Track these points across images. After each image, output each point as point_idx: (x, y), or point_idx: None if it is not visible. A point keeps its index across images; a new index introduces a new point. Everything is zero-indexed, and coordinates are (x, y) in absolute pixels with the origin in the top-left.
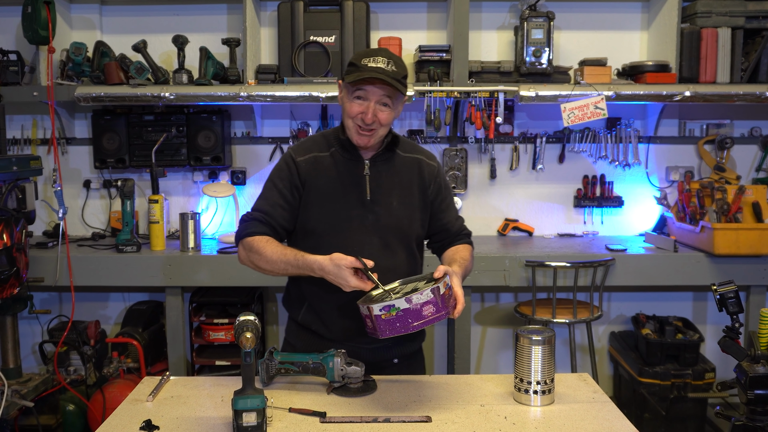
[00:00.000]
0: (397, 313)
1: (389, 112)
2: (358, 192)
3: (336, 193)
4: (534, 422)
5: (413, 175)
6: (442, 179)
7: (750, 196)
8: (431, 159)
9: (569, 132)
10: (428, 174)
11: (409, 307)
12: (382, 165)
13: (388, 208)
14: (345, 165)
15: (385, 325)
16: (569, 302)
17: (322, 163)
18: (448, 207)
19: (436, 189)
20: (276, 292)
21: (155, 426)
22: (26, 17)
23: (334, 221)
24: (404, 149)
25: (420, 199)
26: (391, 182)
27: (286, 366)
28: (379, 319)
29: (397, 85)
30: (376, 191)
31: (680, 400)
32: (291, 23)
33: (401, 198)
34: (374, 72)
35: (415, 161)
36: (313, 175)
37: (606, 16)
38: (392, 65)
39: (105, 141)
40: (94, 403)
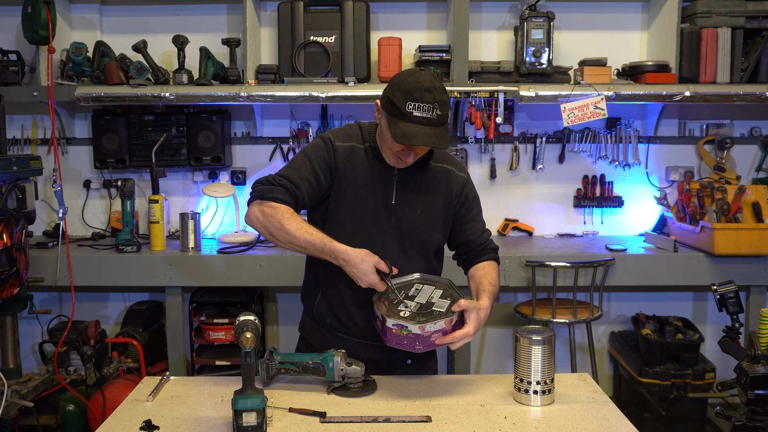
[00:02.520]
0: (408, 334)
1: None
2: (385, 194)
3: (367, 189)
4: (534, 422)
5: (440, 185)
6: (469, 190)
7: (750, 196)
8: (460, 170)
9: (569, 132)
10: (456, 185)
11: (420, 333)
12: (411, 171)
13: (412, 214)
14: (376, 164)
15: (393, 338)
16: (569, 302)
17: (358, 155)
18: (474, 219)
19: (462, 200)
20: (276, 292)
21: (155, 426)
22: (26, 17)
23: (361, 217)
24: (436, 158)
25: (444, 210)
26: (417, 189)
27: (286, 366)
28: (388, 330)
29: (443, 144)
30: (402, 196)
31: (680, 400)
32: (291, 23)
33: (425, 206)
34: (421, 134)
35: (444, 171)
36: (349, 164)
37: (606, 16)
38: (437, 108)
39: (105, 141)
40: (94, 403)
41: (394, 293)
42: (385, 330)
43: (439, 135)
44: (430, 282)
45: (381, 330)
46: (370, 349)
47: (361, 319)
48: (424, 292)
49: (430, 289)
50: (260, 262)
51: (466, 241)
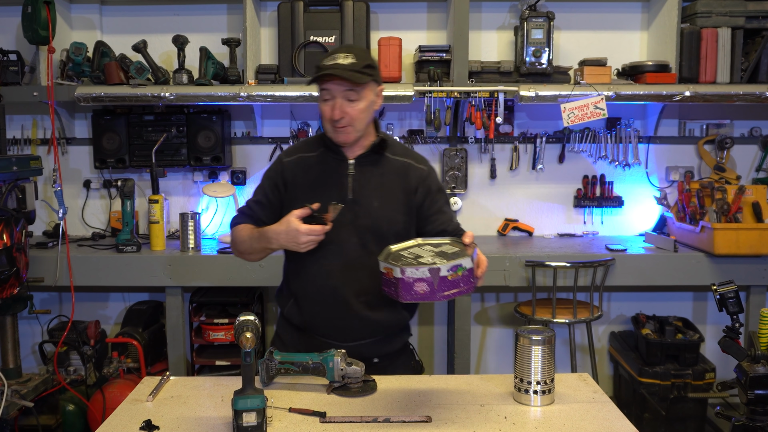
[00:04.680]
0: (463, 274)
1: (358, 105)
2: (340, 191)
3: (321, 190)
4: (534, 422)
5: (399, 179)
6: (432, 183)
7: (750, 196)
8: (421, 163)
9: (569, 132)
10: (415, 178)
11: (472, 267)
12: (368, 166)
13: (368, 208)
14: (330, 165)
15: (446, 286)
16: (569, 302)
17: (307, 163)
18: (441, 210)
19: (424, 193)
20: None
21: (155, 426)
22: (26, 17)
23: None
24: (395, 152)
25: (404, 202)
26: (374, 184)
27: (286, 366)
28: (443, 280)
29: (353, 76)
30: (358, 191)
31: (680, 400)
32: (291, 23)
33: (382, 198)
34: (329, 69)
35: (403, 164)
36: (298, 174)
37: (606, 16)
38: (350, 58)
39: (105, 141)
40: (94, 403)
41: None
42: (439, 283)
43: (348, 69)
44: (429, 242)
45: (431, 290)
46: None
47: (328, 320)
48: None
49: (434, 243)
50: (260, 262)
51: (439, 231)
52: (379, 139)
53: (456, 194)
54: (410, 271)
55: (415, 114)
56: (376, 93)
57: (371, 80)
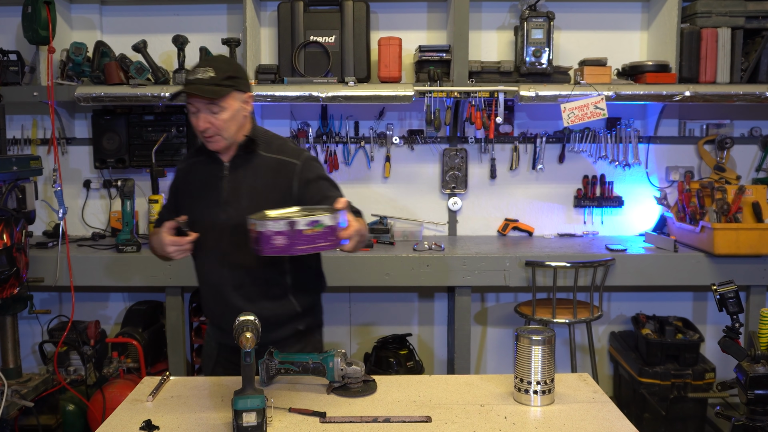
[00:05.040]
0: (323, 230)
1: (222, 115)
2: (216, 194)
3: (202, 194)
4: (534, 422)
5: (272, 177)
6: (309, 173)
7: (750, 196)
8: (293, 157)
9: (569, 132)
10: (287, 173)
11: (333, 225)
12: (241, 167)
13: (239, 208)
14: (210, 169)
15: (304, 241)
16: (569, 302)
17: (193, 168)
18: (325, 196)
19: (301, 185)
20: None
21: (155, 426)
22: (26, 17)
23: (199, 220)
24: (268, 150)
25: (278, 199)
26: (247, 184)
27: (286, 366)
28: (298, 234)
29: (208, 92)
30: (232, 192)
31: (680, 400)
32: (291, 23)
33: (252, 197)
34: (187, 86)
35: (275, 161)
36: (185, 180)
37: (606, 16)
38: (210, 72)
39: (105, 141)
40: (94, 403)
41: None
42: (295, 237)
43: (206, 83)
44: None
45: (288, 243)
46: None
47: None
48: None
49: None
50: None
51: None
52: (246, 139)
53: (456, 194)
54: (270, 224)
55: (415, 114)
56: (243, 100)
57: (233, 90)
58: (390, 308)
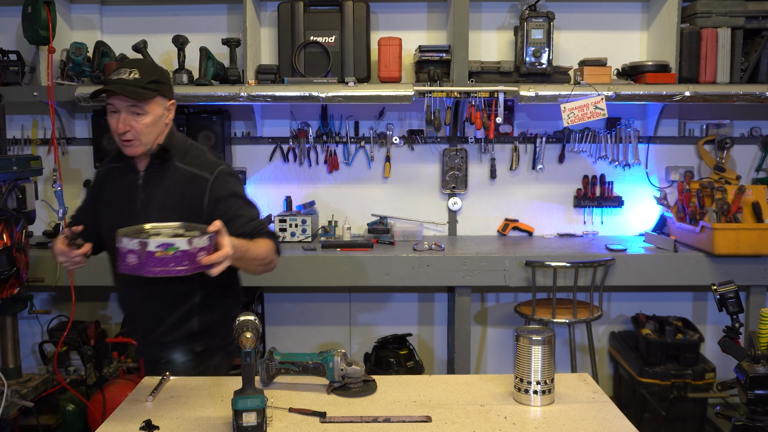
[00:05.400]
0: (174, 254)
1: (143, 119)
2: (129, 203)
3: (116, 200)
4: (534, 422)
5: (183, 189)
6: (219, 190)
7: (750, 196)
8: (207, 171)
9: (569, 132)
10: (198, 187)
11: (188, 249)
12: (156, 176)
13: (148, 220)
14: (127, 176)
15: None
16: (569, 302)
17: (111, 174)
18: (235, 215)
19: (212, 201)
20: (277, 292)
21: (155, 426)
22: (26, 17)
23: (110, 228)
24: (184, 161)
25: (188, 214)
26: (159, 194)
27: (286, 366)
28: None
29: (134, 93)
30: (144, 203)
31: (680, 400)
32: (291, 23)
33: (161, 208)
34: (111, 84)
35: (188, 174)
36: (102, 185)
37: (606, 16)
38: (135, 73)
39: (105, 141)
40: (94, 403)
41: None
42: (145, 258)
43: (131, 84)
44: (189, 226)
45: (139, 263)
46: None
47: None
48: (182, 230)
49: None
50: None
51: (237, 236)
52: (159, 149)
53: (456, 194)
54: (125, 241)
55: (415, 114)
56: (166, 107)
57: (157, 95)
58: (390, 308)
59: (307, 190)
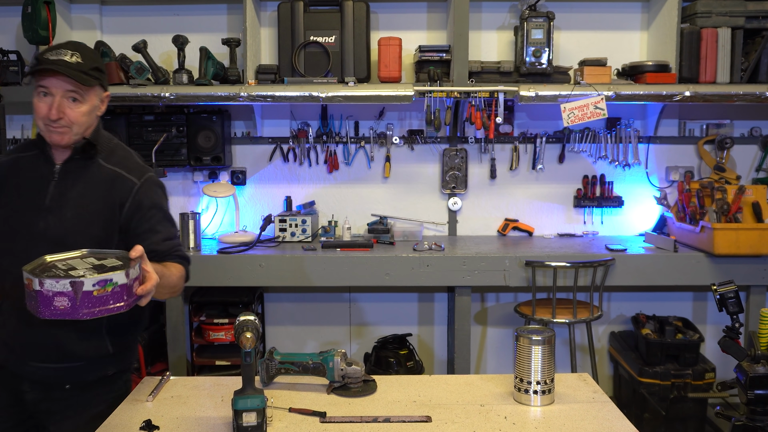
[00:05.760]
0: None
1: (80, 107)
2: (39, 197)
3: (23, 193)
4: (534, 422)
5: (104, 190)
6: (144, 197)
7: (750, 196)
8: (134, 174)
9: (569, 132)
10: (122, 190)
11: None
12: (75, 172)
13: (61, 218)
14: (39, 168)
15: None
16: (569, 302)
17: (18, 164)
18: (152, 230)
19: (133, 208)
20: (277, 291)
21: (155, 426)
22: (26, 17)
23: (12, 223)
24: (109, 160)
25: (105, 217)
26: (76, 192)
27: (286, 366)
28: (87, 296)
29: (80, 77)
30: (57, 199)
31: (680, 400)
32: (291, 23)
33: (77, 209)
34: (53, 65)
35: (113, 174)
36: (9, 175)
37: (606, 16)
38: (77, 57)
39: None
40: None
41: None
42: (81, 300)
43: (74, 68)
44: (96, 254)
45: (72, 306)
46: (23, 369)
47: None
48: (92, 259)
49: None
50: (260, 262)
51: (149, 252)
52: (84, 142)
53: (456, 194)
54: (49, 283)
55: (415, 114)
56: (101, 99)
57: (98, 84)
58: (390, 308)
59: (307, 190)
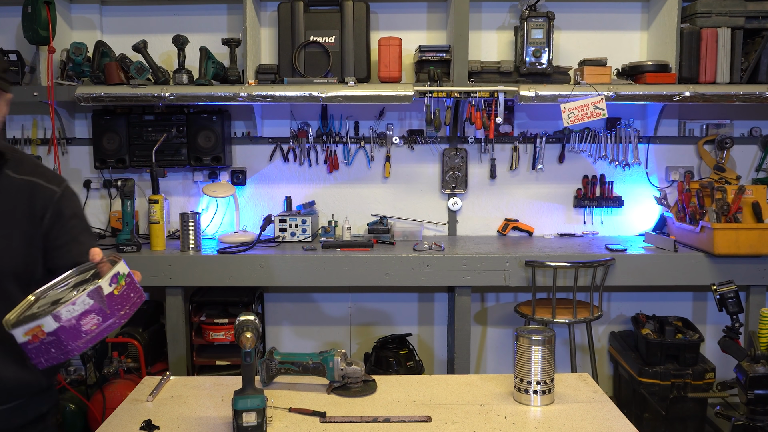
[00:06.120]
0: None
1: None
2: None
3: None
4: (534, 422)
5: (22, 202)
6: (65, 207)
7: (750, 196)
8: (53, 182)
9: (569, 132)
10: (42, 200)
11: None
12: None
13: None
14: None
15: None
16: (569, 302)
17: None
18: (75, 240)
19: (54, 218)
20: (277, 291)
21: (155, 426)
22: (26, 17)
23: None
24: (19, 171)
25: (27, 232)
26: None
27: (286, 366)
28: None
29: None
30: None
31: (680, 400)
32: (291, 23)
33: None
34: None
35: (29, 185)
36: None
37: (606, 16)
38: None
39: (105, 141)
40: (94, 403)
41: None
42: (109, 305)
43: None
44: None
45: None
46: None
47: None
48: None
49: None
50: (260, 262)
51: (73, 265)
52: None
53: (456, 194)
54: (67, 310)
55: (415, 114)
56: (6, 102)
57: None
58: (390, 308)
59: (307, 190)
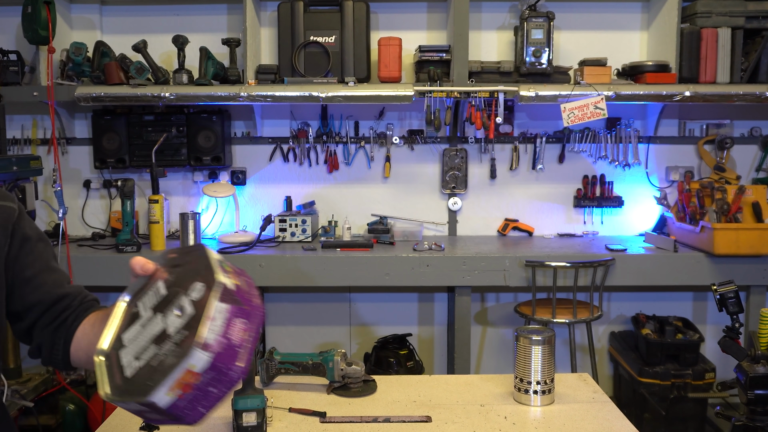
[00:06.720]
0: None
1: None
2: None
3: None
4: (534, 422)
5: None
6: (27, 229)
7: (750, 196)
8: (7, 199)
9: (569, 132)
10: (4, 220)
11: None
12: None
13: None
14: None
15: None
16: (569, 302)
17: None
18: (49, 269)
19: (17, 240)
20: (276, 291)
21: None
22: (26, 17)
23: None
24: None
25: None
26: None
27: (286, 366)
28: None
29: None
30: None
31: (680, 400)
32: (291, 23)
33: None
34: None
35: None
36: None
37: (606, 16)
38: None
39: (105, 141)
40: (94, 403)
41: None
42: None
43: None
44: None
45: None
46: None
47: None
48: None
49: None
50: (260, 262)
51: (57, 298)
52: None
53: (456, 194)
54: (210, 330)
55: (415, 114)
56: None
57: None
58: (390, 308)
59: (307, 190)
